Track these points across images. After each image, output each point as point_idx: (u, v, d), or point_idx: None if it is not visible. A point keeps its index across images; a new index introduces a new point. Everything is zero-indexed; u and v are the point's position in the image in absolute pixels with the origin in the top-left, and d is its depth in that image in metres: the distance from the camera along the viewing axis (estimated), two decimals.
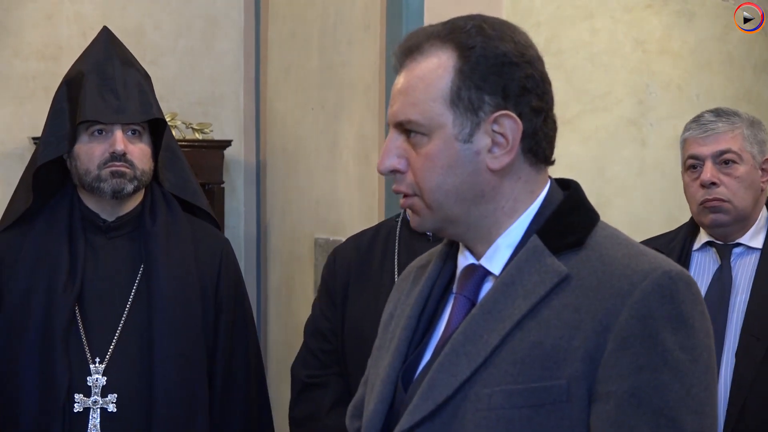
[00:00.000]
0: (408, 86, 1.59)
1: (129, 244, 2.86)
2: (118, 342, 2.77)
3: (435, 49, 1.58)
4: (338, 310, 2.89)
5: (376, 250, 2.90)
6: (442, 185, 1.58)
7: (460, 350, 1.55)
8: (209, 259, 2.92)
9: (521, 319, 1.53)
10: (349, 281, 2.89)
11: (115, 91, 2.80)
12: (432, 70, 1.57)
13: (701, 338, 1.50)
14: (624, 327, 1.48)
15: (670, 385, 1.46)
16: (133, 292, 2.82)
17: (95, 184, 2.79)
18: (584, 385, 1.48)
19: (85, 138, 2.80)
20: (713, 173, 2.79)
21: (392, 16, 4.03)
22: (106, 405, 2.72)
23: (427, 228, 1.64)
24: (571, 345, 1.49)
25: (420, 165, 1.58)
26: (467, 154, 1.57)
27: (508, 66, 1.57)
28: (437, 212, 1.60)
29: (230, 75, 5.22)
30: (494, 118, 1.57)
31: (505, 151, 1.58)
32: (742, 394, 2.68)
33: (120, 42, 2.98)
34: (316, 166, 4.66)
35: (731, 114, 2.85)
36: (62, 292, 2.76)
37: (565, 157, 3.28)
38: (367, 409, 1.67)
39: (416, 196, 1.60)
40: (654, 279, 1.49)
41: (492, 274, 1.61)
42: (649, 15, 3.38)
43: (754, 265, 2.81)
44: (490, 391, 1.51)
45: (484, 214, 1.60)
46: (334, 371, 2.87)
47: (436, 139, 1.57)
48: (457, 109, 1.56)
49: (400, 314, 1.71)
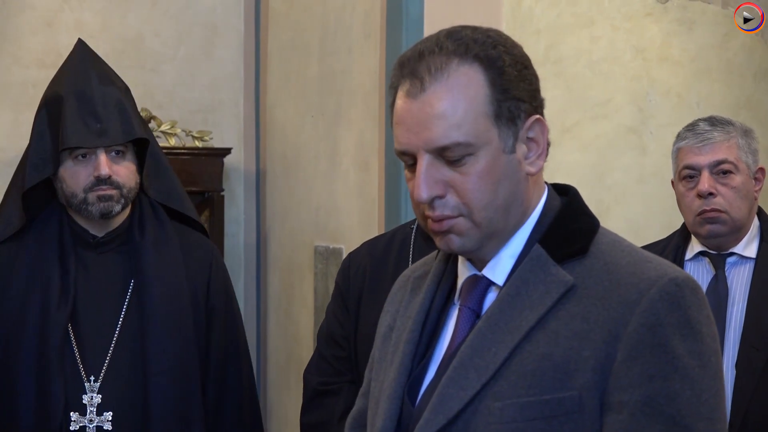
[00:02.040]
0: (446, 109, 1.53)
1: (119, 258, 2.85)
2: (111, 359, 2.77)
3: (458, 66, 1.55)
4: (351, 316, 2.87)
5: (390, 257, 2.88)
6: (495, 200, 1.56)
7: (469, 364, 1.54)
8: (199, 269, 2.92)
9: (529, 331, 1.52)
10: (363, 287, 2.87)
11: (95, 114, 2.77)
12: (466, 88, 1.54)
13: (709, 343, 1.51)
14: (633, 336, 1.48)
15: (682, 393, 1.46)
16: (124, 307, 2.82)
17: (82, 206, 2.79)
18: (596, 396, 1.48)
19: (69, 162, 2.79)
20: (711, 183, 2.77)
21: (392, 24, 4.03)
22: (102, 423, 2.72)
23: (467, 249, 1.59)
24: (581, 355, 1.49)
25: (470, 185, 1.54)
26: (513, 164, 1.57)
27: (526, 71, 1.58)
28: (485, 229, 1.57)
29: (230, 82, 5.22)
30: (529, 125, 1.57)
31: (538, 155, 1.59)
32: (743, 404, 2.68)
33: (96, 56, 2.95)
34: (315, 173, 4.66)
35: (725, 123, 2.83)
36: (55, 310, 2.75)
37: (565, 165, 3.30)
38: (373, 426, 1.66)
39: (461, 217, 1.56)
40: (661, 286, 1.49)
41: (495, 285, 1.60)
42: (649, 23, 3.38)
43: (749, 274, 2.80)
44: (501, 405, 1.51)
45: (515, 222, 1.60)
46: (347, 378, 2.85)
47: (484, 155, 1.54)
48: (500, 121, 1.55)
49: (401, 327, 1.69)
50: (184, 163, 4.76)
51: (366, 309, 2.85)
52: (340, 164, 4.43)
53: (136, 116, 2.88)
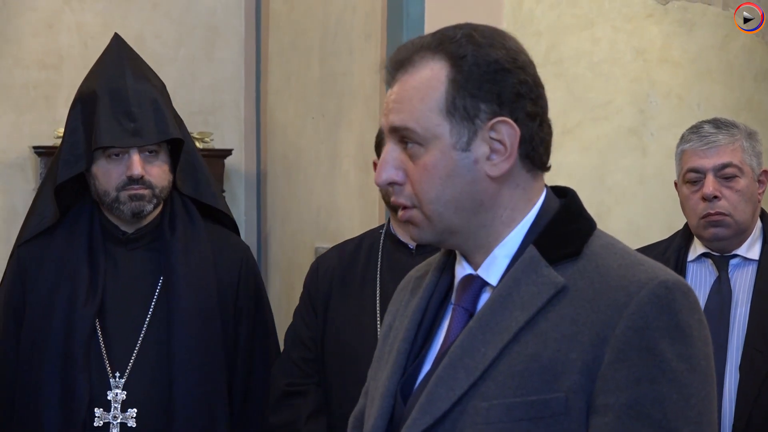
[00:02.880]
0: (402, 97, 1.58)
1: (149, 256, 2.84)
2: (137, 356, 2.76)
3: (426, 61, 1.57)
4: (319, 319, 2.90)
5: (359, 261, 2.92)
6: (441, 196, 1.57)
7: (458, 363, 1.54)
8: (229, 269, 2.90)
9: (518, 332, 1.52)
10: (331, 291, 2.91)
11: (129, 113, 2.75)
12: (425, 82, 1.57)
13: (699, 347, 1.49)
14: (621, 338, 1.47)
15: (669, 396, 1.45)
16: (152, 304, 2.80)
17: (114, 205, 2.77)
18: (583, 398, 1.47)
19: (102, 161, 2.77)
20: (716, 187, 2.76)
21: (393, 26, 4.03)
22: (126, 420, 2.71)
23: (427, 240, 1.62)
24: (569, 357, 1.48)
25: (418, 176, 1.57)
26: (466, 163, 1.56)
27: (501, 72, 1.56)
28: (437, 223, 1.59)
29: (231, 84, 5.22)
30: (491, 125, 1.56)
31: (503, 158, 1.57)
32: (747, 407, 2.66)
33: (132, 52, 2.93)
34: (316, 174, 4.66)
35: (730, 125, 2.82)
36: (83, 305, 2.74)
37: (566, 166, 3.30)
38: (367, 423, 1.66)
39: (415, 208, 1.59)
40: (650, 289, 1.49)
41: (490, 285, 1.60)
42: (650, 24, 3.38)
43: (752, 276, 2.79)
44: (488, 405, 1.50)
45: (483, 224, 1.59)
46: (314, 380, 2.88)
47: (433, 149, 1.56)
48: (453, 118, 1.55)
49: (399, 326, 1.70)
50: None
51: (334, 312, 2.89)
52: (341, 165, 4.43)
53: (171, 115, 2.85)
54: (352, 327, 2.85)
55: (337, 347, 2.85)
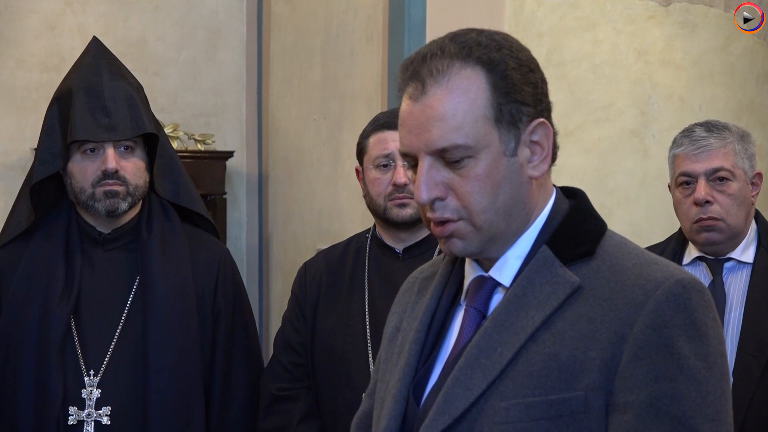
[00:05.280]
0: (446, 111, 1.54)
1: (126, 256, 2.85)
2: (112, 354, 2.77)
3: (459, 69, 1.55)
4: (308, 324, 2.90)
5: (346, 265, 2.93)
6: (494, 203, 1.56)
7: (475, 363, 1.54)
8: (206, 269, 2.91)
9: (535, 331, 1.53)
10: (319, 295, 2.91)
11: (104, 108, 2.77)
12: (467, 91, 1.55)
13: (715, 345, 1.51)
14: (639, 337, 1.48)
15: (687, 394, 1.47)
16: (128, 303, 2.82)
17: (90, 203, 2.78)
18: (602, 396, 1.49)
19: (77, 156, 2.79)
20: (707, 191, 2.75)
21: (394, 28, 4.03)
22: (100, 418, 2.72)
23: (469, 252, 1.61)
24: (587, 356, 1.49)
25: (469, 187, 1.55)
26: (515, 167, 1.57)
27: (530, 74, 1.58)
28: (485, 232, 1.58)
29: (233, 86, 5.23)
30: (533, 128, 1.57)
31: (542, 158, 1.59)
32: (740, 412, 2.64)
33: (109, 52, 2.95)
34: (318, 176, 4.66)
35: (722, 128, 2.80)
36: (58, 304, 2.76)
37: (568, 168, 3.30)
38: (378, 425, 1.66)
39: (462, 220, 1.57)
40: (667, 288, 1.50)
41: (502, 286, 1.61)
42: (652, 26, 3.38)
43: (746, 280, 2.79)
44: (506, 404, 1.51)
45: (518, 225, 1.60)
46: (304, 385, 2.88)
47: (484, 158, 1.55)
48: (501, 125, 1.56)
49: (408, 327, 1.70)
50: (187, 166, 4.69)
51: (322, 316, 2.89)
52: (343, 167, 4.44)
53: (147, 112, 2.86)
54: (340, 331, 2.85)
55: (325, 351, 2.86)
